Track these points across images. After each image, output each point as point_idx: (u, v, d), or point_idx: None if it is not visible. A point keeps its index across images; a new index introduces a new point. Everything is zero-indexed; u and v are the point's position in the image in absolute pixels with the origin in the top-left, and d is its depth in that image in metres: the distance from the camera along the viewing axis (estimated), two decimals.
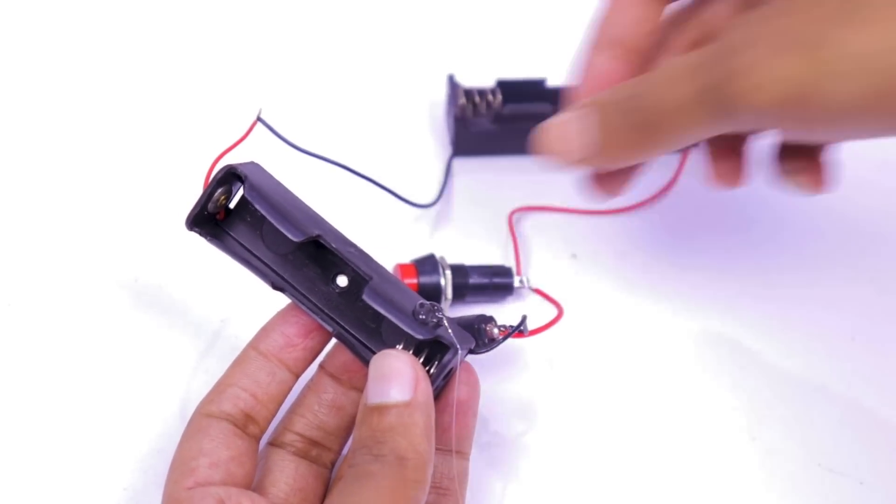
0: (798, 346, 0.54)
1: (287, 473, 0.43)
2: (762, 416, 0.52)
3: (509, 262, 0.56)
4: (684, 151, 0.59)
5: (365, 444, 0.38)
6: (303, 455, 0.44)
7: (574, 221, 0.59)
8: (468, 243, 0.58)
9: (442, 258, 0.54)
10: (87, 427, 0.50)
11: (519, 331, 0.45)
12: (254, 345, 0.44)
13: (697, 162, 0.55)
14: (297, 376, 0.44)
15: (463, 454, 0.43)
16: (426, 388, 0.40)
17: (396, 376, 0.39)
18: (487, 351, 0.45)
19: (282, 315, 0.44)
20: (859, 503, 0.49)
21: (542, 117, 0.58)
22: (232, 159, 0.42)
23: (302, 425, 0.44)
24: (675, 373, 0.53)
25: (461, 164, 0.62)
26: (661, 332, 0.55)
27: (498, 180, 0.61)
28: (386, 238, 0.57)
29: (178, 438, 0.41)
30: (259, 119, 0.44)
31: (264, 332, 0.44)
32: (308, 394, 0.45)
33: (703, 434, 0.51)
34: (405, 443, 0.38)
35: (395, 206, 0.56)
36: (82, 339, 0.53)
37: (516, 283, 0.55)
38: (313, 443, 0.44)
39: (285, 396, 0.44)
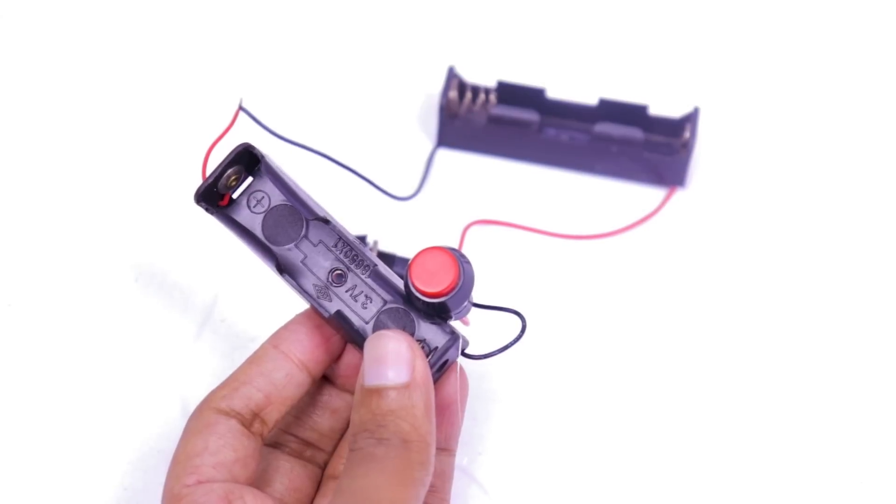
0: (798, 345, 0.54)
1: (283, 473, 0.43)
2: (762, 416, 0.51)
3: None
4: (671, 189, 0.58)
5: (366, 428, 0.38)
6: (297, 455, 0.44)
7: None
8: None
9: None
10: (86, 426, 0.50)
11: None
12: (274, 343, 0.42)
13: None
14: (315, 380, 0.43)
15: (449, 451, 0.43)
16: (424, 368, 0.39)
17: (393, 357, 0.39)
18: (485, 358, 0.43)
19: (307, 315, 0.43)
20: (859, 503, 0.49)
21: (531, 125, 0.58)
22: (220, 149, 0.42)
23: (297, 426, 0.44)
24: (674, 372, 0.53)
25: (448, 157, 0.60)
26: (655, 334, 0.54)
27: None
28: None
29: (178, 438, 0.41)
30: (241, 108, 0.43)
31: (287, 330, 0.43)
32: (304, 395, 0.45)
33: (702, 434, 0.51)
34: (407, 426, 0.38)
35: (377, 197, 0.56)
36: (81, 339, 0.53)
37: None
38: (307, 444, 0.44)
39: (299, 400, 0.43)
